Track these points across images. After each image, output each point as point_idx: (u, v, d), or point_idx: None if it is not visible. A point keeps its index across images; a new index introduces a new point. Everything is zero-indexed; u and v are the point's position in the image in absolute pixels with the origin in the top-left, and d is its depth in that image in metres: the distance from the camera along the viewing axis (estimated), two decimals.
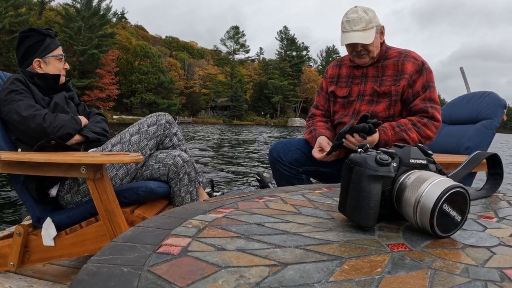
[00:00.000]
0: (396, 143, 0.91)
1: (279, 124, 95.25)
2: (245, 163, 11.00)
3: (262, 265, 0.60)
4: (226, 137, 26.35)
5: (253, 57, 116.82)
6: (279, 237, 0.74)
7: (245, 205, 0.98)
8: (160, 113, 2.56)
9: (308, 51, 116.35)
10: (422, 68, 2.44)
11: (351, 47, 2.48)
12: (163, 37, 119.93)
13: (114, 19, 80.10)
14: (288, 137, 30.39)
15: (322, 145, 2.45)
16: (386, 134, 2.31)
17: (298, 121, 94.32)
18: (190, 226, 0.79)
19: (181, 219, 0.83)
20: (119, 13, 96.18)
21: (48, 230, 2.15)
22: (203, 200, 1.07)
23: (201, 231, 0.76)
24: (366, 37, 2.38)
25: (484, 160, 1.23)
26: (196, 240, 0.71)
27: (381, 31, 2.50)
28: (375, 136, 2.27)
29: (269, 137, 30.42)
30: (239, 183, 7.41)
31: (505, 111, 3.44)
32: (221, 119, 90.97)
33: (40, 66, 2.37)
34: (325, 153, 2.39)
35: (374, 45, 2.45)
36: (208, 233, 0.75)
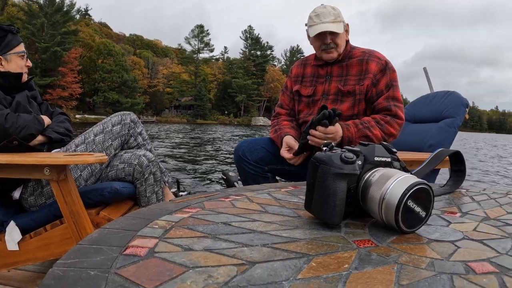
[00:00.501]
0: (360, 141, 0.91)
1: (243, 123, 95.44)
2: (210, 162, 10.97)
3: (230, 265, 0.60)
4: (191, 136, 26.24)
5: (218, 56, 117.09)
6: (246, 236, 0.74)
7: (211, 205, 0.98)
8: (124, 112, 2.52)
9: (273, 51, 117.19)
10: (385, 68, 2.47)
11: (320, 40, 2.49)
12: (127, 35, 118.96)
13: (77, 16, 79.05)
14: (252, 136, 30.49)
15: (290, 144, 2.45)
16: (349, 131, 2.32)
17: (262, 120, 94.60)
18: (157, 227, 0.78)
19: (147, 220, 0.82)
20: (83, 9, 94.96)
21: (12, 234, 2.10)
22: (169, 200, 1.06)
23: (167, 231, 0.75)
24: (337, 27, 2.42)
25: (447, 157, 1.24)
26: (163, 240, 0.70)
27: (346, 29, 2.54)
28: (338, 127, 2.27)
29: (233, 136, 30.43)
30: (205, 182, 7.38)
31: (467, 110, 3.50)
32: (185, 118, 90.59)
33: (1, 64, 2.31)
34: (294, 152, 2.39)
35: (342, 39, 2.49)
36: (174, 233, 0.74)
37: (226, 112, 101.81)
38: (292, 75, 2.80)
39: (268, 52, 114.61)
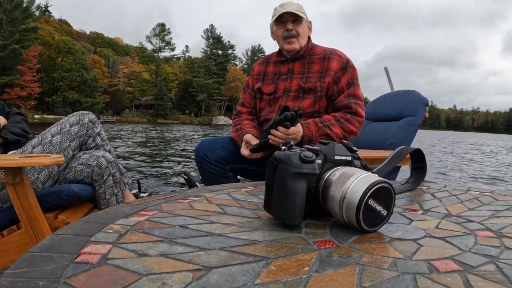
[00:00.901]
0: (320, 140, 0.90)
1: (204, 122, 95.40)
2: (172, 162, 10.86)
3: (185, 270, 0.57)
4: (152, 136, 25.92)
5: (179, 55, 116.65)
6: (203, 239, 0.71)
7: (169, 207, 0.95)
8: (82, 112, 2.47)
9: (234, 50, 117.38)
10: (346, 66, 2.49)
11: (282, 27, 2.52)
12: (88, 32, 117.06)
13: (37, 13, 77.66)
14: (213, 135, 30.47)
15: (250, 142, 2.44)
16: (309, 130, 2.32)
17: (223, 120, 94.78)
18: (111, 231, 0.74)
19: (102, 224, 0.78)
20: (43, 6, 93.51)
21: None
22: (126, 203, 1.02)
23: (122, 236, 0.72)
24: (300, 12, 2.46)
25: (408, 155, 1.25)
26: (117, 246, 0.66)
27: (309, 26, 2.57)
28: (299, 128, 2.27)
29: (195, 135, 30.34)
30: (167, 182, 7.29)
31: (427, 108, 3.55)
32: (145, 118, 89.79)
33: None
34: (250, 148, 2.39)
35: (304, 31, 2.52)
36: (129, 238, 0.71)
37: (187, 111, 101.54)
38: (253, 73, 2.80)
39: (230, 51, 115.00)
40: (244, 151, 2.44)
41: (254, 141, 2.43)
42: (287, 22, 2.48)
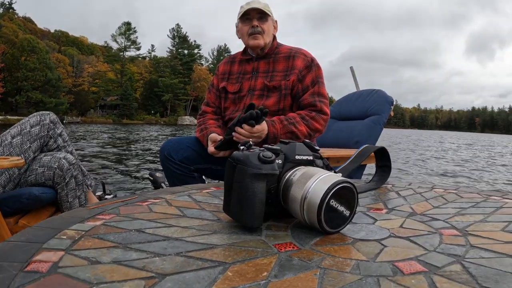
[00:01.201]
0: (281, 140, 0.88)
1: (170, 122, 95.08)
2: (138, 163, 10.78)
3: (137, 278, 0.54)
4: (117, 136, 25.68)
5: (144, 55, 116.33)
6: (159, 244, 0.68)
7: (127, 210, 0.91)
8: (43, 112, 2.41)
9: (200, 50, 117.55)
10: (311, 64, 2.50)
11: (248, 24, 2.53)
12: (52, 31, 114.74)
13: (0, 10, 76.18)
14: (179, 135, 30.42)
15: (216, 140, 2.42)
16: (274, 128, 2.31)
17: (188, 120, 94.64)
18: (65, 237, 0.70)
19: (56, 230, 0.74)
20: (7, 3, 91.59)
21: None
22: (83, 206, 0.98)
23: (75, 242, 0.68)
24: (265, 8, 2.48)
25: (373, 153, 1.24)
26: (69, 253, 0.63)
27: (274, 25, 2.59)
28: (264, 126, 2.26)
29: (160, 135, 30.24)
30: (133, 184, 7.22)
31: (392, 107, 3.58)
32: (110, 118, 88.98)
33: None
34: (215, 145, 2.37)
35: (269, 28, 2.53)
36: (83, 244, 0.67)
37: (152, 111, 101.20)
38: (218, 72, 2.80)
39: (196, 51, 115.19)
40: (211, 149, 2.42)
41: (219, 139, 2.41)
42: (253, 19, 2.50)
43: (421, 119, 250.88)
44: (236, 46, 2.61)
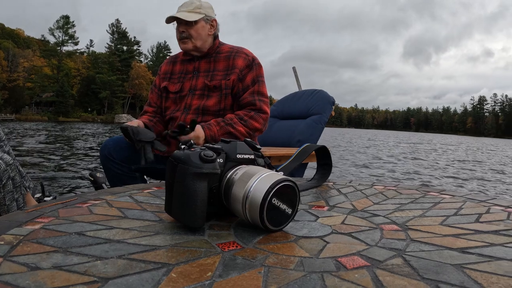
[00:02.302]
0: (222, 139, 0.87)
1: (107, 120, 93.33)
2: (78, 163, 10.50)
3: (79, 284, 0.52)
4: (54, 135, 24.91)
5: (83, 50, 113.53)
6: (101, 247, 0.66)
7: (66, 212, 0.88)
8: None
9: (140, 46, 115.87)
10: (252, 64, 2.51)
11: (177, 29, 2.54)
12: None
13: None
14: (118, 133, 30.06)
15: (134, 122, 2.46)
16: (211, 130, 2.33)
17: (125, 117, 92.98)
18: (3, 242, 0.67)
19: None
20: None
21: None
22: (21, 209, 0.95)
23: (14, 247, 0.65)
24: (187, 16, 2.46)
25: (314, 152, 1.25)
26: (8, 259, 0.60)
27: (211, 24, 2.57)
28: (198, 131, 2.28)
29: (98, 133, 29.70)
30: (73, 184, 7.03)
31: (333, 107, 3.64)
32: (46, 116, 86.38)
33: None
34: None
35: (198, 31, 2.51)
36: (22, 249, 0.64)
37: (89, 109, 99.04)
38: (161, 72, 2.80)
39: (135, 47, 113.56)
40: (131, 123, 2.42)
41: (139, 123, 2.45)
42: (180, 24, 2.51)
43: (358, 119, 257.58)
44: (177, 43, 2.61)
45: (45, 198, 3.00)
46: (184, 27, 2.49)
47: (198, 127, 2.27)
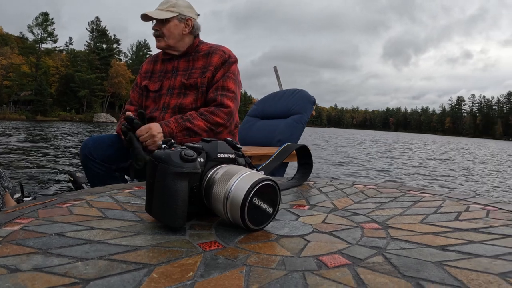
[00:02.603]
0: (202, 138, 0.87)
1: (85, 119, 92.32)
2: (57, 162, 10.40)
3: (60, 285, 0.51)
4: (33, 134, 24.58)
5: (62, 47, 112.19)
6: (81, 248, 0.65)
7: (46, 213, 0.87)
8: None
9: (119, 44, 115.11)
10: (227, 60, 2.52)
11: (152, 27, 2.58)
12: None
13: None
14: (97, 132, 29.85)
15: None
16: (169, 127, 2.34)
17: (104, 116, 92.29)
18: None
19: None
20: None
21: None
22: (2, 210, 0.93)
23: None
24: (159, 14, 2.50)
25: (294, 151, 1.26)
26: None
27: (186, 23, 2.57)
28: (151, 126, 2.30)
29: (80, 132, 29.50)
30: (53, 185, 6.96)
31: (314, 107, 3.65)
32: (24, 115, 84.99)
33: None
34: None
35: (171, 31, 2.54)
36: (1, 251, 0.63)
37: (68, 108, 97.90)
38: (142, 71, 2.81)
39: (115, 45, 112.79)
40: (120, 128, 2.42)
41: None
42: (154, 21, 2.55)
43: (337, 118, 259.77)
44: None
45: (25, 199, 2.98)
46: (157, 25, 2.53)
47: (156, 124, 2.30)
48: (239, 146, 0.90)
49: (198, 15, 2.65)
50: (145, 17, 2.53)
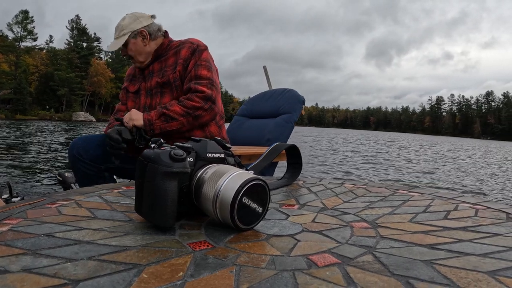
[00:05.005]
0: (192, 137, 0.87)
1: (65, 118, 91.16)
2: (45, 162, 10.33)
3: (49, 286, 0.51)
4: (17, 134, 24.31)
5: (42, 46, 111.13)
6: (70, 248, 0.65)
7: (35, 213, 0.87)
8: None
9: (100, 43, 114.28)
10: (195, 50, 2.52)
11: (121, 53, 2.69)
12: None
13: None
14: (77, 131, 29.78)
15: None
16: (149, 115, 2.40)
17: (83, 116, 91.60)
18: None
19: None
20: None
21: None
22: None
23: None
24: (116, 44, 2.60)
25: (284, 151, 1.26)
26: None
27: (141, 35, 2.60)
28: (132, 112, 2.45)
29: (66, 131, 29.35)
30: (41, 185, 6.90)
31: (303, 106, 3.65)
32: (3, 114, 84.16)
33: None
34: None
35: (134, 50, 2.61)
36: None
37: (47, 106, 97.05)
38: (126, 74, 2.90)
39: (95, 44, 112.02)
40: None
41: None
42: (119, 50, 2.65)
43: (319, 118, 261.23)
44: None
45: (13, 199, 2.96)
46: (123, 51, 2.63)
47: (137, 112, 2.43)
48: (228, 145, 0.89)
49: (152, 16, 2.69)
50: (112, 50, 2.67)
